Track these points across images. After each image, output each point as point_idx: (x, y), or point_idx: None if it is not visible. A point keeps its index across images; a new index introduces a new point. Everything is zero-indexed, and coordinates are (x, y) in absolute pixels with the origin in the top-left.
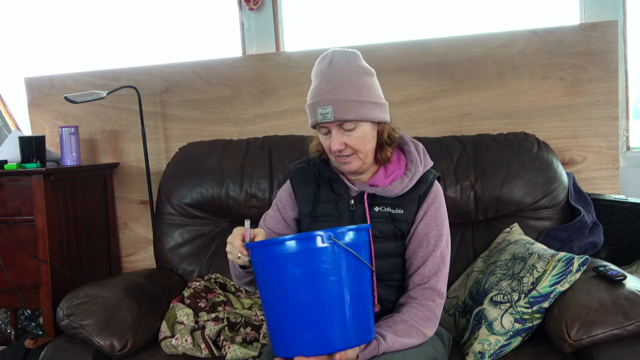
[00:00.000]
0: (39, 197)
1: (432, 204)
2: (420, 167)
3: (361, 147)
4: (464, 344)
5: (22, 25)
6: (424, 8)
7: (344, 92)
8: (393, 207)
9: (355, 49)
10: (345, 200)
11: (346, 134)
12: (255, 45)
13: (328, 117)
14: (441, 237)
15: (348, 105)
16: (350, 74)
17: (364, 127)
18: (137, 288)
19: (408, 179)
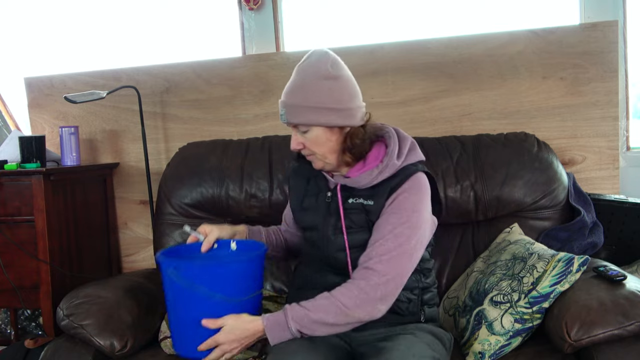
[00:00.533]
0: (39, 197)
1: (401, 194)
2: (395, 161)
3: (316, 149)
4: (464, 344)
5: (22, 25)
6: (424, 8)
7: (295, 97)
8: (365, 199)
9: (329, 51)
10: (323, 193)
11: (303, 134)
12: (255, 45)
13: (283, 118)
14: (402, 224)
15: (296, 110)
16: (306, 78)
17: (316, 131)
18: (137, 288)
19: (378, 171)
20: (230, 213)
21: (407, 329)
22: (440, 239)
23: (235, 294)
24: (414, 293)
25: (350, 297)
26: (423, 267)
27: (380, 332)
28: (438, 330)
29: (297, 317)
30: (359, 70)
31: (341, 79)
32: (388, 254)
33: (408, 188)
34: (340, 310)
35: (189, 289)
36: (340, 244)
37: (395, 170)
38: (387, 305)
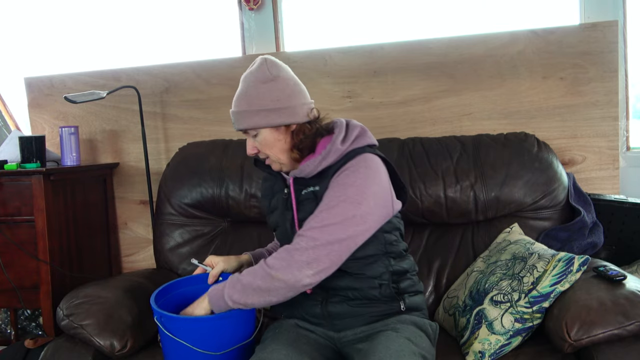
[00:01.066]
0: (39, 197)
1: (343, 172)
2: (339, 146)
3: (267, 151)
4: (464, 344)
5: (22, 25)
6: (424, 8)
7: (240, 104)
8: (314, 186)
9: (268, 56)
10: (281, 191)
11: (254, 139)
12: (255, 45)
13: (235, 126)
14: (338, 198)
15: (243, 116)
16: (246, 85)
17: (264, 133)
18: (137, 288)
19: (321, 157)
20: (230, 213)
21: (388, 325)
22: (440, 239)
23: (216, 347)
24: (383, 279)
25: (277, 259)
26: (391, 250)
27: (362, 330)
28: (421, 320)
29: (231, 283)
30: (359, 70)
31: (279, 79)
32: (321, 222)
33: (349, 166)
34: (266, 272)
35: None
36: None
37: (341, 154)
38: (315, 271)
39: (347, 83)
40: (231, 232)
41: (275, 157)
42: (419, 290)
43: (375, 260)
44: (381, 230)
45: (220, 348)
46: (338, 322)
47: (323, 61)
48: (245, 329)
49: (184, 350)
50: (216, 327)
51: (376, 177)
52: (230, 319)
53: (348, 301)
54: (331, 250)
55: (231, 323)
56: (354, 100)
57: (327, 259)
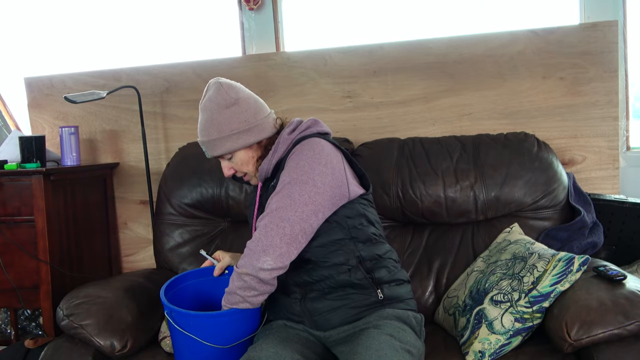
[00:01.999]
0: (39, 197)
1: (292, 154)
2: (286, 136)
3: (244, 169)
4: (464, 344)
5: (22, 25)
6: (424, 8)
7: (208, 133)
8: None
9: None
10: (254, 193)
11: (229, 161)
12: (255, 45)
13: (207, 154)
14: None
15: (214, 144)
16: (210, 113)
17: (239, 154)
18: (137, 288)
19: (272, 151)
20: (230, 213)
21: (369, 322)
22: (440, 239)
23: (224, 341)
24: (350, 264)
25: (242, 257)
26: (356, 234)
27: (345, 329)
28: (404, 313)
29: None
30: (359, 70)
31: (241, 100)
32: (269, 208)
33: (294, 151)
34: (236, 273)
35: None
36: None
37: (289, 144)
38: (273, 256)
39: (347, 83)
40: (231, 232)
41: (252, 173)
42: (400, 278)
43: (341, 246)
44: (344, 215)
45: (229, 342)
46: (318, 318)
47: (323, 61)
48: (252, 322)
49: (193, 343)
50: (225, 322)
51: (321, 157)
52: (238, 315)
53: (325, 295)
54: (284, 234)
55: (239, 319)
56: (354, 100)
57: (282, 242)
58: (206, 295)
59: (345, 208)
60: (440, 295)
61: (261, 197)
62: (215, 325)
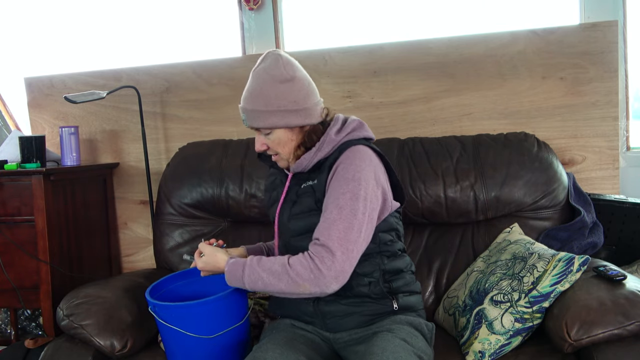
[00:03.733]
0: (39, 197)
1: (340, 164)
2: (333, 136)
3: (279, 149)
4: (464, 344)
5: (22, 25)
6: (424, 8)
7: (254, 102)
8: (312, 180)
9: (281, 52)
10: (282, 185)
11: (266, 137)
12: (255, 45)
13: (246, 122)
14: (343, 195)
15: (257, 115)
16: (262, 83)
17: (278, 132)
18: (137, 288)
19: (316, 149)
20: (230, 213)
21: (382, 326)
22: (440, 239)
23: (208, 331)
24: (373, 276)
25: (304, 268)
26: (385, 249)
27: (357, 332)
28: (417, 320)
29: (252, 280)
30: (359, 70)
31: (296, 79)
32: (334, 228)
33: (345, 159)
34: (294, 282)
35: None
36: (294, 230)
37: (335, 145)
38: (341, 283)
39: (347, 83)
40: (231, 232)
41: (286, 156)
42: (415, 290)
43: (368, 258)
44: (377, 229)
45: (213, 332)
46: (330, 321)
47: (323, 61)
48: (236, 313)
49: (179, 336)
50: (207, 311)
51: (370, 170)
52: (220, 303)
53: (340, 300)
54: (351, 257)
55: (222, 307)
56: (354, 100)
57: (350, 268)
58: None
59: (381, 222)
60: (440, 295)
61: (289, 189)
62: (197, 315)
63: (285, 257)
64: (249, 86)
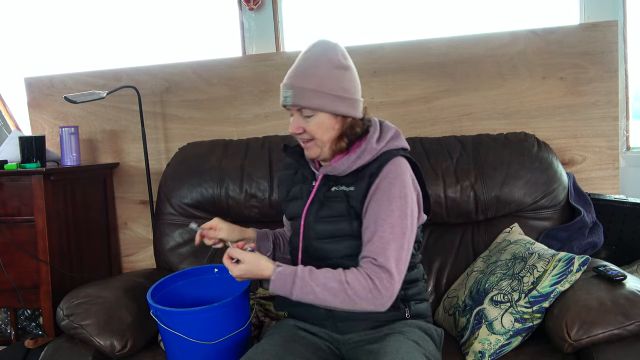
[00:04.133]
0: (39, 197)
1: (384, 179)
2: (374, 145)
3: (318, 134)
4: (464, 344)
5: (22, 25)
6: (424, 8)
7: (305, 81)
8: (347, 185)
9: (338, 43)
10: (308, 182)
11: (305, 119)
12: (255, 45)
13: (287, 100)
14: (393, 213)
15: (306, 93)
16: (318, 64)
17: (322, 116)
18: (137, 288)
19: (356, 155)
20: (230, 213)
21: (394, 328)
22: (440, 239)
23: (210, 337)
24: None
25: (364, 291)
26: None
27: (367, 333)
28: (426, 325)
29: (303, 292)
30: (359, 70)
31: (350, 70)
32: (389, 248)
33: (389, 173)
34: (351, 300)
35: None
36: (319, 233)
37: (375, 154)
38: (392, 301)
39: None
40: None
41: (321, 143)
42: (425, 298)
43: None
44: None
45: (215, 337)
46: (341, 325)
47: None
48: (239, 318)
49: (181, 341)
50: (210, 317)
51: (411, 184)
52: (223, 309)
53: None
54: (403, 276)
55: (225, 313)
56: None
57: (400, 285)
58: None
59: None
60: (440, 295)
61: (318, 190)
62: (200, 321)
63: (341, 274)
64: (299, 65)
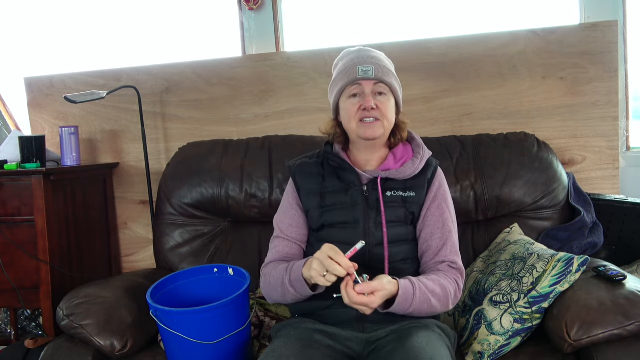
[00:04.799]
0: (39, 197)
1: (440, 187)
2: (426, 151)
3: (387, 113)
4: (463, 344)
5: (22, 25)
6: (424, 8)
7: (384, 61)
8: (404, 191)
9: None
10: (357, 188)
11: (377, 97)
12: (255, 45)
13: (370, 74)
14: (452, 217)
15: (387, 71)
16: (383, 57)
17: (391, 99)
18: (137, 288)
19: (418, 160)
20: (230, 213)
21: (420, 322)
22: None
23: (210, 337)
24: None
25: (455, 293)
26: None
27: (393, 328)
28: (444, 326)
29: (420, 302)
30: None
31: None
32: (458, 252)
33: (442, 181)
34: (447, 303)
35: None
36: (379, 239)
37: (426, 160)
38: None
39: None
40: (231, 232)
41: (388, 125)
42: None
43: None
44: None
45: (215, 337)
46: (370, 325)
47: (323, 61)
48: (239, 318)
49: (181, 341)
50: (210, 317)
51: None
52: (223, 309)
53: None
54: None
55: (225, 313)
56: None
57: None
58: (197, 296)
59: None
60: None
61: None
62: (200, 321)
63: (439, 279)
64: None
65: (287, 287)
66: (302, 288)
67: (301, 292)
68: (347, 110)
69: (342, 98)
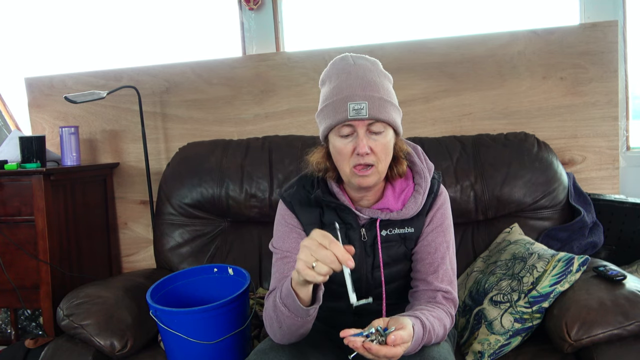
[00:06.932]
0: (39, 197)
1: (438, 210)
2: (428, 177)
3: (383, 155)
4: (463, 344)
5: (22, 25)
6: (424, 8)
7: (378, 91)
8: (402, 227)
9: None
10: (355, 230)
11: (372, 137)
12: (255, 45)
13: (362, 113)
14: (447, 242)
15: (383, 105)
16: (377, 76)
17: (390, 133)
18: (137, 288)
19: (420, 195)
20: (230, 213)
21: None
22: None
23: (210, 337)
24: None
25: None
26: None
27: None
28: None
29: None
30: None
31: (393, 86)
32: (454, 279)
33: (441, 206)
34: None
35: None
36: (377, 282)
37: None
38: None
39: None
40: (231, 232)
41: (383, 167)
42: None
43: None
44: None
45: (215, 337)
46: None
47: (323, 61)
48: (239, 318)
49: (181, 341)
50: (209, 317)
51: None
52: (223, 309)
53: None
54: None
55: (224, 313)
56: None
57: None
58: (197, 296)
59: None
60: None
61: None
62: (199, 321)
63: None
64: (361, 75)
65: (280, 307)
66: (292, 304)
67: (293, 310)
68: (339, 151)
69: (332, 134)
